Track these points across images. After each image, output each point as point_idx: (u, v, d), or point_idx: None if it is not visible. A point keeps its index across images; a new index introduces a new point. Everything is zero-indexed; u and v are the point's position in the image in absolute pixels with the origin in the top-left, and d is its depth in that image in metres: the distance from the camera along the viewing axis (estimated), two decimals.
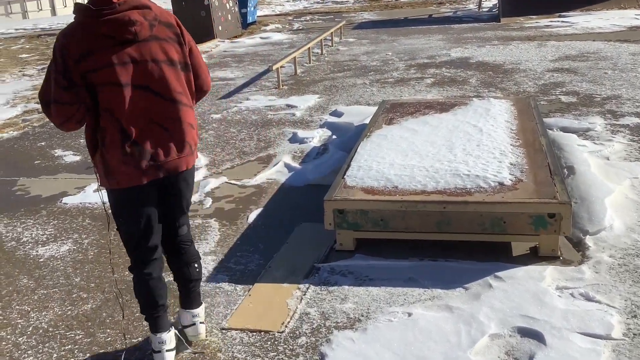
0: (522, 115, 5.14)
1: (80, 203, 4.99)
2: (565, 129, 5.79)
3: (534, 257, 3.58)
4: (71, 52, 2.43)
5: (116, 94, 2.47)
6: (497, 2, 16.09)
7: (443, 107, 5.60)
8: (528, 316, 2.99)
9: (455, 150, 4.32)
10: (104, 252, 4.08)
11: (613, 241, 3.65)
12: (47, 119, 2.90)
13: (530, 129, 4.78)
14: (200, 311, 3.02)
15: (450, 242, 3.72)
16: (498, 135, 4.55)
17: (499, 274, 3.38)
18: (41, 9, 27.59)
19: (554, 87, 7.66)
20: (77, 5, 2.52)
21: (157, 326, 2.81)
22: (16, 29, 22.34)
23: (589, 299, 3.13)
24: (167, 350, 2.80)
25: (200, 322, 3.02)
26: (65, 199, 5.10)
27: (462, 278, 3.39)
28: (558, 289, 3.24)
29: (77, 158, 6.23)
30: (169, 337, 2.82)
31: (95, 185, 5.34)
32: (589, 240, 3.68)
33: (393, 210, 3.67)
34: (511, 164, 4.02)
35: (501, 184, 3.74)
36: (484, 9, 17.35)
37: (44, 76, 2.61)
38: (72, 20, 2.53)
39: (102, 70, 2.44)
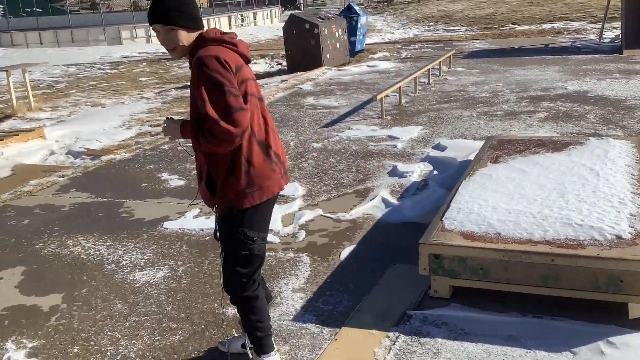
0: None
1: (180, 229, 5.08)
2: None
3: None
4: (230, 65, 2.58)
5: (253, 104, 2.67)
6: (619, 32, 15.18)
7: (556, 146, 5.23)
8: None
9: (568, 195, 3.98)
10: (196, 281, 4.09)
11: None
12: (158, 143, 3.02)
13: None
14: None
15: (558, 298, 3.39)
16: (617, 181, 4.16)
17: (613, 339, 3.03)
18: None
19: None
20: (210, 32, 2.72)
21: (270, 345, 2.96)
22: (139, 53, 23.79)
23: None
24: None
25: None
26: (166, 224, 5.21)
27: (569, 340, 3.07)
28: None
29: (182, 183, 6.39)
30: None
31: (196, 212, 5.43)
32: None
33: (494, 259, 3.41)
34: (631, 215, 3.64)
35: (619, 237, 3.38)
36: (605, 40, 16.41)
37: (160, 99, 2.69)
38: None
39: (249, 82, 2.67)
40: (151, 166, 7.12)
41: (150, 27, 2.69)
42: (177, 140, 2.77)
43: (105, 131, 9.27)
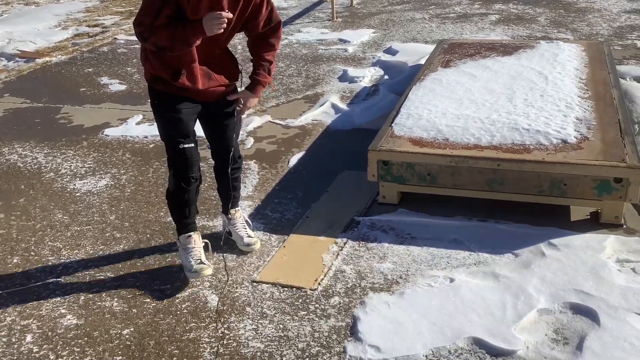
0: (594, 63, 4.69)
1: (122, 136, 4.89)
2: (639, 79, 5.30)
3: (594, 223, 3.28)
4: None
5: None
6: None
7: (506, 49, 5.17)
8: (583, 291, 2.73)
9: (516, 100, 3.96)
10: (140, 190, 3.98)
11: None
12: (96, 45, 3.02)
13: (601, 79, 4.35)
14: None
15: (502, 202, 3.44)
16: (565, 85, 4.16)
17: (554, 241, 3.11)
18: None
19: (630, 30, 7.02)
20: None
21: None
22: None
23: None
24: None
25: None
26: (107, 131, 5.01)
27: (512, 243, 3.13)
28: (618, 262, 2.95)
29: (123, 87, 6.11)
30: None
31: (138, 118, 5.23)
32: None
33: (442, 165, 3.40)
34: (577, 119, 3.66)
35: (564, 141, 3.40)
36: None
37: None
38: None
39: None
40: (90, 70, 6.76)
41: None
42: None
43: (40, 32, 8.72)
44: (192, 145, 2.90)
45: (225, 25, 2.64)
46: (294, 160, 4.35)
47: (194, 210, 3.05)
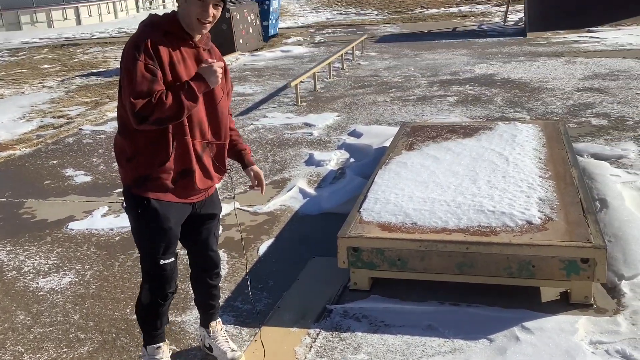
0: (551, 142, 4.86)
1: (87, 229, 4.81)
2: (596, 156, 5.49)
3: (565, 304, 3.29)
4: None
5: None
6: (523, 15, 15.75)
7: (466, 131, 5.33)
8: None
9: (480, 182, 4.05)
10: (106, 286, 3.88)
11: None
12: (61, 136, 2.82)
13: (560, 158, 4.49)
14: None
15: (474, 285, 3.45)
16: (525, 166, 4.27)
17: (527, 324, 3.10)
18: (66, 18, 27.81)
19: (584, 108, 7.33)
20: None
21: None
22: (41, 39, 22.51)
23: (625, 356, 2.84)
24: None
25: None
26: (71, 224, 4.92)
27: (486, 327, 3.11)
28: (592, 343, 2.95)
29: (88, 179, 6.07)
30: None
31: (104, 210, 5.17)
32: (624, 286, 3.38)
33: (411, 250, 3.41)
34: (540, 199, 3.74)
35: (529, 222, 3.46)
36: (510, 23, 17.00)
37: (63, 88, 2.49)
38: (96, 29, 2.63)
39: None
40: (54, 162, 6.72)
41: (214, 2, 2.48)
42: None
43: (4, 124, 8.70)
44: (173, 259, 2.69)
45: (221, 71, 2.51)
46: (263, 247, 4.32)
47: (166, 321, 2.86)
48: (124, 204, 2.66)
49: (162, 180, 2.54)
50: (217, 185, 2.91)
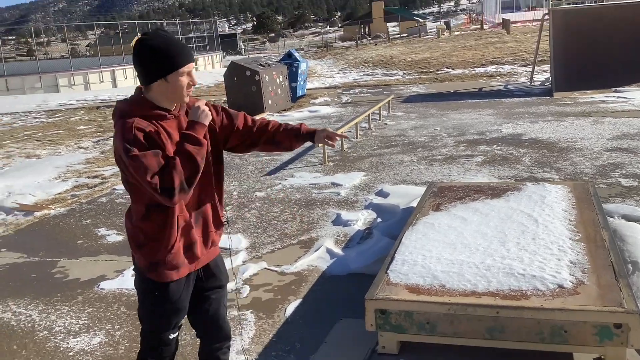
0: (581, 204, 4.82)
1: (117, 289, 4.87)
2: (627, 217, 5.42)
3: None
4: None
5: None
6: (549, 75, 15.87)
7: (494, 192, 5.33)
8: None
9: (509, 244, 4.03)
10: (135, 347, 3.90)
11: None
12: (95, 196, 2.88)
13: (590, 220, 4.45)
14: None
15: (504, 349, 3.38)
16: (555, 228, 4.24)
17: None
18: (103, 81, 28.84)
19: (614, 168, 7.29)
20: None
21: None
22: (77, 100, 23.31)
23: None
24: None
25: None
26: (102, 284, 4.99)
27: None
28: None
29: (120, 238, 6.18)
30: None
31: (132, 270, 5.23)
32: None
33: (440, 313, 3.38)
34: (571, 262, 3.70)
35: (561, 286, 3.41)
36: (536, 83, 17.13)
37: (98, 149, 2.58)
38: (131, 92, 2.62)
39: None
40: (88, 221, 6.86)
41: (189, 67, 2.52)
42: None
43: (40, 184, 8.94)
44: (177, 333, 2.73)
45: (205, 108, 2.54)
46: (290, 308, 4.31)
47: None
48: (136, 282, 2.74)
49: (175, 262, 2.58)
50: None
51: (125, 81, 29.26)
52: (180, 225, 2.56)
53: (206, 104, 2.63)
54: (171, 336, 2.69)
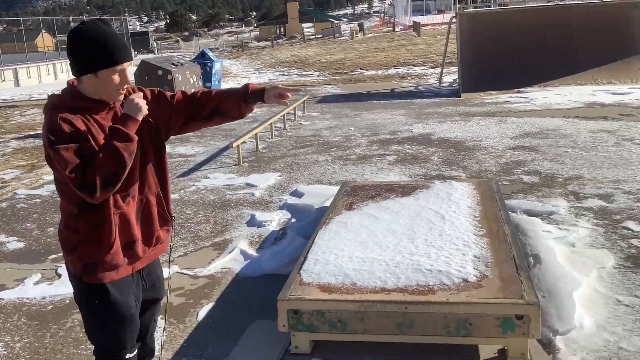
0: (485, 201, 5.02)
1: (18, 298, 4.61)
2: (528, 212, 5.69)
3: None
4: None
5: None
6: (457, 77, 16.44)
7: (405, 190, 5.45)
8: None
9: (417, 240, 4.13)
10: (36, 359, 3.70)
11: (584, 342, 3.44)
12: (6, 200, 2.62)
13: (493, 215, 4.63)
14: None
15: (414, 343, 3.46)
16: (461, 224, 4.39)
17: None
18: (4, 80, 27.31)
19: (516, 165, 7.64)
20: None
21: None
22: None
23: None
24: None
25: None
26: (1, 294, 4.71)
27: None
28: None
29: (21, 245, 5.86)
30: None
31: (36, 277, 4.98)
32: (559, 342, 3.46)
33: (351, 311, 3.41)
34: (475, 257, 3.83)
35: (465, 280, 3.53)
36: (445, 84, 17.70)
37: None
38: (35, 92, 2.45)
39: None
40: None
41: (123, 66, 2.38)
42: None
43: None
44: (134, 354, 2.55)
45: (142, 101, 2.41)
46: (202, 312, 4.23)
47: None
48: (75, 295, 2.54)
49: (114, 262, 2.44)
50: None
51: (29, 80, 27.83)
52: (118, 222, 2.43)
53: (143, 93, 2.54)
54: (128, 356, 2.51)
